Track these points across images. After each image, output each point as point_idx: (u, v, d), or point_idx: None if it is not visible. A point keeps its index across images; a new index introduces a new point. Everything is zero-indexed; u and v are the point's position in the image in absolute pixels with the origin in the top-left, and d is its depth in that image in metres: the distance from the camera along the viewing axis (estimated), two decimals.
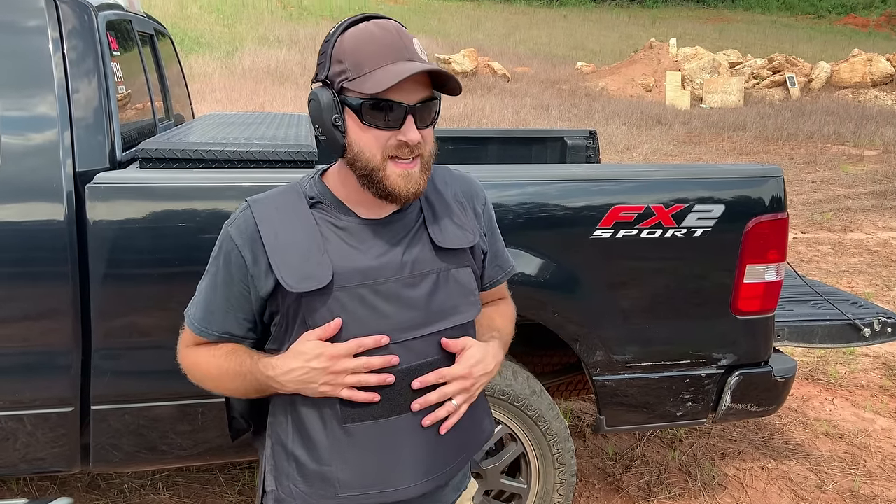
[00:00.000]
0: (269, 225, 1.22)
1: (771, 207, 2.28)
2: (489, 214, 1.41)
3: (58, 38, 2.00)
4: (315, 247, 1.20)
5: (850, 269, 6.20)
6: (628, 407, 2.40)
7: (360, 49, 1.15)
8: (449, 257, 1.27)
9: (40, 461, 2.08)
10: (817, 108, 16.69)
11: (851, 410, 3.74)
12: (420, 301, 1.23)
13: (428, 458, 1.27)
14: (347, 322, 1.19)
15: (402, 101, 1.14)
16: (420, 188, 1.20)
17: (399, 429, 1.23)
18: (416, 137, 1.15)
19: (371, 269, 1.21)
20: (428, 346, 1.24)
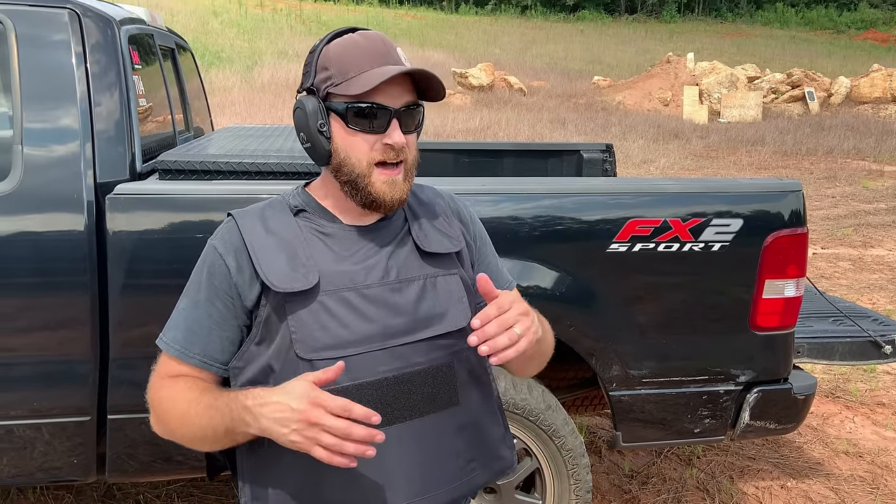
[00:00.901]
0: (254, 233, 1.21)
1: (790, 222, 2.26)
2: (478, 227, 1.41)
3: (81, 52, 2.03)
4: (300, 252, 1.19)
5: (871, 285, 6.13)
6: (645, 423, 2.37)
7: (346, 56, 1.17)
8: (435, 263, 1.26)
9: (57, 470, 2.09)
10: (837, 123, 16.57)
11: (872, 429, 3.68)
12: (407, 306, 1.21)
13: (430, 471, 1.21)
14: (332, 326, 1.16)
15: (387, 104, 1.16)
16: (404, 195, 1.21)
17: (391, 439, 1.13)
18: (401, 140, 1.17)
19: (357, 273, 1.20)
20: (416, 353, 1.21)
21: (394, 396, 1.18)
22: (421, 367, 1.21)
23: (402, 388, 1.19)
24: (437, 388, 1.22)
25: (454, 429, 1.25)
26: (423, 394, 1.21)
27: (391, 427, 1.16)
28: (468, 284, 1.30)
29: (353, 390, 1.14)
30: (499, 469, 1.34)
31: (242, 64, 22.42)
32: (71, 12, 2.05)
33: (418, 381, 1.21)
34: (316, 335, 1.16)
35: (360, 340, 1.17)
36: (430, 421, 1.22)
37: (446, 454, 1.24)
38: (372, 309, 1.19)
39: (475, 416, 1.29)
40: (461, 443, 1.26)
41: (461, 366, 1.26)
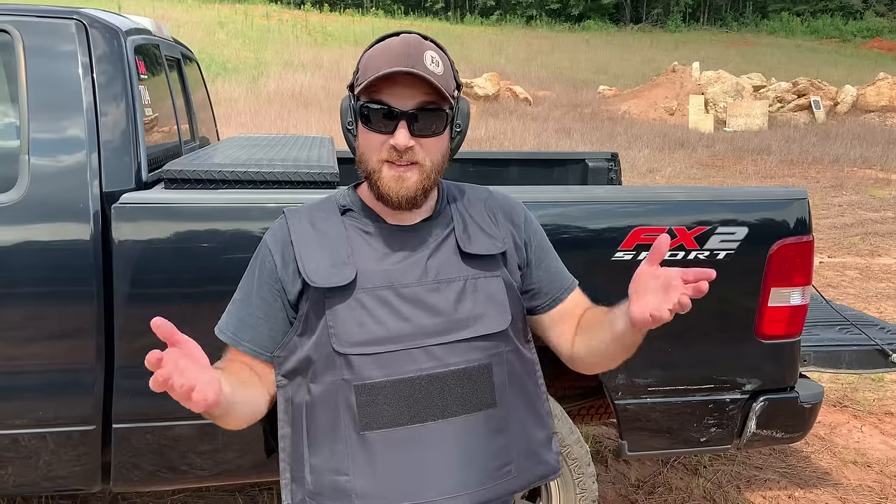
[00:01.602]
0: (300, 230, 1.27)
1: (796, 230, 2.26)
2: (533, 229, 1.40)
3: (87, 62, 2.05)
4: (341, 249, 1.24)
5: (878, 294, 6.10)
6: (651, 432, 2.36)
7: (372, 57, 1.21)
8: (476, 264, 1.27)
9: (62, 479, 2.09)
10: (843, 132, 16.53)
11: (881, 438, 3.66)
12: (444, 307, 1.23)
13: (459, 471, 1.20)
14: (367, 322, 1.20)
15: (393, 105, 1.18)
16: (414, 194, 1.21)
17: (422, 437, 1.19)
18: (402, 142, 1.17)
19: (394, 272, 1.22)
20: (452, 354, 1.22)
21: (427, 395, 1.19)
22: (457, 367, 1.22)
23: (436, 387, 1.20)
24: (473, 389, 1.23)
25: (490, 430, 1.25)
26: (458, 394, 1.22)
27: (424, 424, 1.19)
28: (511, 286, 1.30)
29: (385, 386, 1.18)
30: (541, 473, 1.34)
31: (248, 74, 22.52)
32: (78, 23, 2.07)
33: (453, 382, 1.21)
34: (352, 331, 1.20)
35: (395, 338, 1.20)
36: (465, 421, 1.22)
37: (481, 455, 1.23)
38: (408, 308, 1.21)
39: (515, 418, 1.28)
40: (497, 445, 1.25)
41: (501, 368, 1.26)
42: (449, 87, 1.22)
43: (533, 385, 1.34)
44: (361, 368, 1.19)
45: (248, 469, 2.17)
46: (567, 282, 1.42)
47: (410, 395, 1.19)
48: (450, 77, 1.24)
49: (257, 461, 2.16)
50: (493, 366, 1.26)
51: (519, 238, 1.35)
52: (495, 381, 1.26)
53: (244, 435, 2.12)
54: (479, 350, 1.24)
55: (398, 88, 1.17)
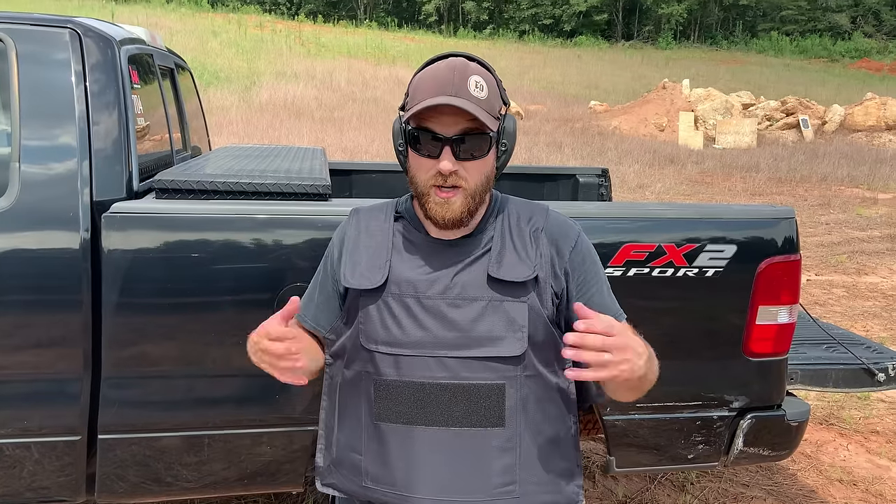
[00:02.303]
0: (356, 230, 1.39)
1: (784, 249, 2.28)
2: (580, 260, 1.38)
3: (81, 70, 2.05)
4: (382, 253, 1.33)
5: (865, 312, 6.14)
6: (639, 448, 2.36)
7: (420, 83, 1.27)
8: (502, 288, 1.29)
9: (45, 490, 2.07)
10: (831, 151, 16.69)
11: (866, 457, 3.67)
12: (462, 323, 1.28)
13: (453, 478, 1.27)
14: (390, 325, 1.29)
15: (438, 131, 1.24)
16: (460, 216, 1.28)
17: (423, 439, 1.27)
18: (446, 167, 1.24)
19: (422, 282, 1.30)
20: (465, 368, 1.27)
21: (434, 401, 1.27)
22: (468, 382, 1.27)
23: (444, 396, 1.27)
24: (481, 406, 1.27)
25: (494, 448, 1.28)
26: (465, 407, 1.27)
27: (428, 428, 1.27)
28: (539, 313, 1.31)
29: (399, 385, 1.28)
30: (552, 502, 1.33)
31: (241, 84, 22.54)
32: (72, 32, 2.07)
33: (462, 395, 1.27)
34: (377, 330, 1.30)
35: (412, 344, 1.28)
36: (470, 434, 1.27)
37: (479, 469, 1.27)
38: (427, 318, 1.29)
39: (528, 442, 1.30)
40: (501, 464, 1.28)
41: (515, 391, 1.29)
42: (493, 110, 1.28)
43: (558, 413, 1.35)
44: (381, 365, 1.29)
45: (234, 481, 2.16)
46: (613, 315, 1.38)
47: (420, 398, 1.27)
48: (495, 99, 1.29)
49: (243, 473, 2.15)
50: (507, 388, 1.29)
51: (559, 267, 1.35)
52: (507, 402, 1.29)
53: (230, 447, 2.11)
54: (492, 370, 1.28)
55: (443, 116, 1.24)
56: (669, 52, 46.29)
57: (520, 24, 52.89)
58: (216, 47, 28.00)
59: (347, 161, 7.19)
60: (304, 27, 39.96)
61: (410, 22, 53.08)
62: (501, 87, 1.33)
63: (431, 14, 54.03)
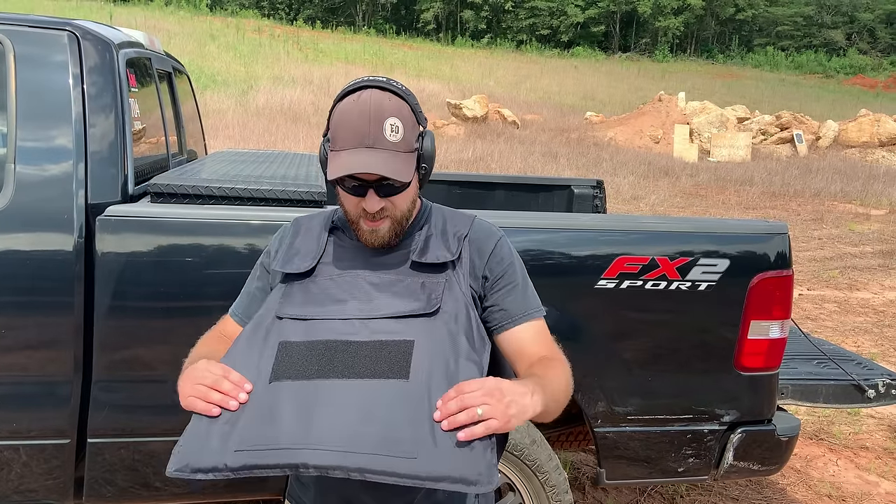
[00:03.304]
0: (295, 233, 1.48)
1: (776, 264, 2.29)
2: (498, 261, 1.43)
3: (78, 73, 2.05)
4: (315, 250, 1.42)
5: (856, 328, 6.17)
6: (629, 460, 2.37)
7: (339, 125, 1.33)
8: (421, 268, 1.37)
9: (33, 493, 2.06)
10: (824, 166, 16.79)
11: (856, 472, 3.68)
12: (377, 294, 1.34)
13: (338, 429, 1.16)
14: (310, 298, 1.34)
15: (361, 178, 1.32)
16: (388, 240, 1.38)
17: (320, 391, 1.19)
18: (373, 208, 1.32)
19: (347, 264, 1.39)
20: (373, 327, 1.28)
21: (340, 356, 1.24)
22: (375, 338, 1.27)
23: (350, 351, 1.25)
24: (386, 358, 1.24)
25: (394, 399, 1.19)
26: (369, 360, 1.24)
27: (327, 380, 1.22)
28: (453, 288, 1.36)
29: (306, 345, 1.27)
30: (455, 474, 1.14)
31: (238, 88, 22.54)
32: (70, 34, 2.07)
33: (368, 349, 1.25)
34: (294, 301, 1.34)
35: (326, 312, 1.32)
36: (369, 384, 1.20)
37: (373, 420, 1.17)
38: (345, 292, 1.34)
39: (431, 398, 1.19)
40: (399, 417, 1.17)
41: (425, 349, 1.25)
42: (410, 146, 1.34)
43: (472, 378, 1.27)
44: (290, 330, 1.30)
45: (222, 488, 2.15)
46: (517, 312, 1.42)
47: (324, 354, 1.25)
48: (411, 132, 1.35)
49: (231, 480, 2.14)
50: (417, 343, 1.25)
51: (479, 269, 1.42)
52: (415, 357, 1.23)
53: None
54: (405, 327, 1.28)
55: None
56: (666, 64, 46.53)
57: (517, 34, 53.09)
58: (214, 51, 28.01)
59: None
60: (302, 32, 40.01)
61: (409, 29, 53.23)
62: (417, 109, 1.38)
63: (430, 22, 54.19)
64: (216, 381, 1.21)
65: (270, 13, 50.49)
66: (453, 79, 30.54)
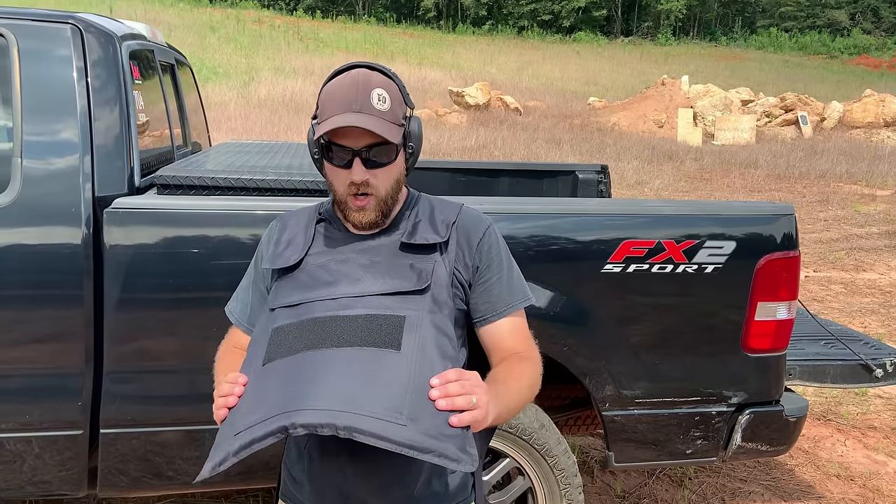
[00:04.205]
0: (281, 230, 1.47)
1: (783, 245, 2.29)
2: (486, 249, 1.44)
3: (82, 66, 2.05)
4: (303, 244, 1.42)
5: (863, 309, 6.16)
6: (637, 443, 2.38)
7: (327, 98, 1.35)
8: (411, 249, 1.39)
9: (47, 484, 2.08)
10: (829, 148, 16.71)
11: (864, 452, 3.69)
12: (369, 275, 1.35)
13: (330, 390, 1.17)
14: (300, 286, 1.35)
15: (347, 145, 1.33)
16: (374, 219, 1.38)
17: (310, 360, 1.22)
18: (358, 178, 1.33)
19: (337, 258, 1.39)
20: (363, 304, 1.30)
21: (329, 330, 1.27)
22: (366, 312, 1.29)
23: (339, 325, 1.27)
24: (378, 329, 1.27)
25: (386, 367, 1.21)
26: (360, 330, 1.26)
27: (317, 350, 1.23)
28: (441, 270, 1.38)
29: (296, 326, 1.29)
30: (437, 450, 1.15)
31: (239, 79, 22.50)
32: (73, 27, 2.07)
33: (358, 322, 1.27)
34: (285, 291, 1.36)
35: (316, 294, 1.33)
36: (361, 352, 1.23)
37: (365, 383, 1.19)
38: (335, 276, 1.35)
39: (420, 373, 1.22)
40: (389, 383, 1.19)
41: (416, 328, 1.27)
42: (397, 119, 1.35)
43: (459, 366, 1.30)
44: (280, 318, 1.32)
45: (235, 476, 2.17)
46: (501, 305, 1.43)
47: (313, 329, 1.27)
48: (398, 106, 1.37)
49: (243, 468, 2.15)
50: (407, 320, 1.28)
51: (469, 257, 1.42)
52: (406, 333, 1.25)
53: None
54: (393, 302, 1.31)
55: (350, 131, 1.32)
56: (668, 48, 46.25)
57: (518, 19, 52.80)
58: (214, 43, 27.95)
59: None
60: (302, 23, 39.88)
61: (409, 17, 52.99)
62: (405, 92, 1.41)
63: (430, 9, 53.92)
64: (218, 387, 1.28)
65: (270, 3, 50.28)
66: (455, 66, 30.43)
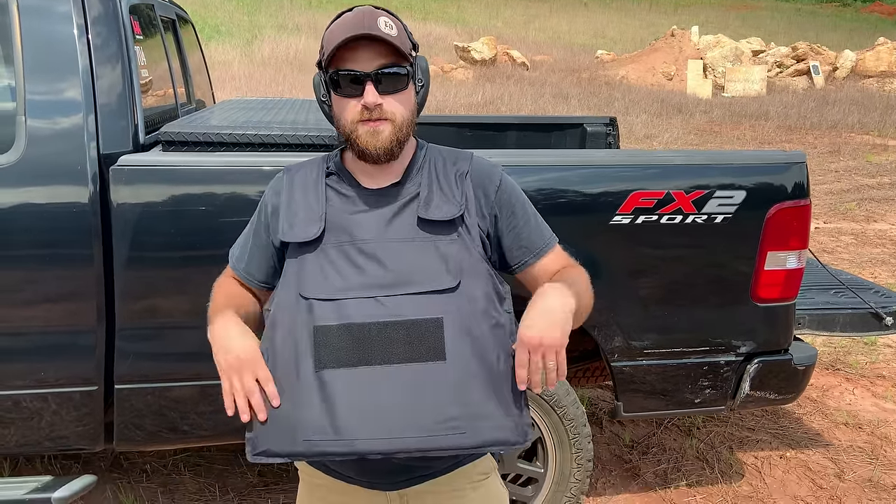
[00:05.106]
0: (290, 186, 1.42)
1: (793, 194, 2.26)
2: (507, 198, 1.43)
3: (83, 23, 2.03)
4: (317, 207, 1.38)
5: (873, 259, 6.13)
6: (646, 393, 2.39)
7: (332, 32, 1.32)
8: (432, 228, 1.35)
9: (64, 439, 2.12)
10: (841, 98, 16.45)
11: (872, 401, 3.71)
12: (395, 264, 1.32)
13: (399, 415, 1.25)
14: (329, 273, 1.32)
15: (357, 69, 1.30)
16: (390, 145, 1.33)
17: (368, 380, 1.26)
18: (371, 100, 1.29)
19: (357, 229, 1.35)
20: (400, 305, 1.30)
21: (374, 340, 1.28)
22: (405, 318, 1.29)
23: (383, 334, 1.28)
24: (421, 340, 1.28)
25: (436, 383, 1.27)
26: (405, 342, 1.27)
27: (372, 367, 1.27)
28: (469, 249, 1.36)
29: (338, 329, 1.29)
30: (499, 439, 1.30)
31: (242, 38, 22.25)
32: None
33: (400, 330, 1.28)
34: (317, 279, 1.33)
35: (351, 287, 1.31)
36: (411, 370, 1.27)
37: (423, 405, 1.26)
38: (365, 261, 1.33)
39: (467, 376, 1.28)
40: (445, 398, 1.26)
41: (455, 325, 1.29)
42: (405, 47, 1.33)
43: (501, 348, 1.33)
44: (319, 312, 1.30)
45: None
46: (538, 245, 1.46)
47: (360, 338, 1.27)
48: (405, 38, 1.35)
49: None
50: (445, 321, 1.29)
51: (486, 207, 1.41)
52: (447, 335, 1.29)
53: None
54: (428, 304, 1.30)
55: (360, 53, 1.29)
56: None
57: None
58: (216, 0, 27.56)
59: None
60: None
61: None
62: (409, 32, 1.39)
63: None
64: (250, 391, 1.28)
65: None
66: (460, 21, 29.94)
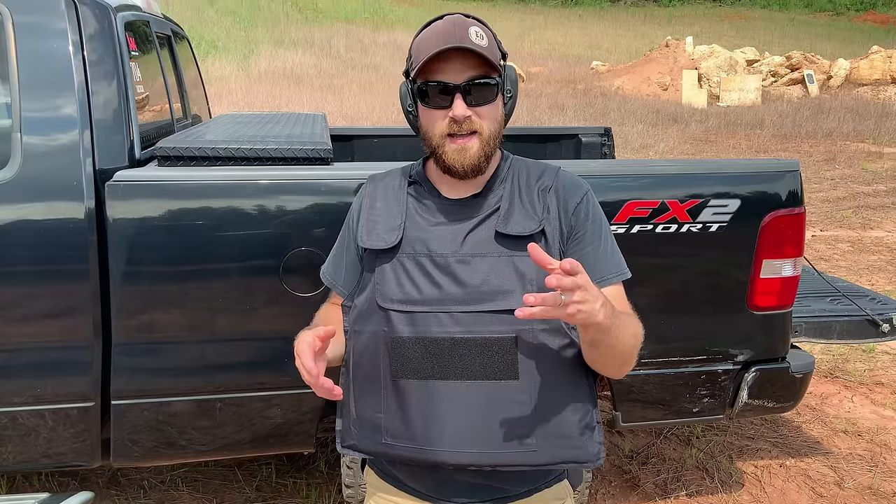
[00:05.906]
0: (373, 195, 1.44)
1: (788, 202, 2.27)
2: (584, 216, 1.38)
3: (78, 40, 2.03)
4: (398, 216, 1.38)
5: (870, 266, 6.14)
6: (644, 403, 2.39)
7: (421, 41, 1.32)
8: (511, 243, 1.33)
9: (61, 456, 2.11)
10: (836, 106, 16.53)
11: (871, 408, 3.71)
12: (472, 280, 1.31)
13: (472, 430, 1.29)
14: (405, 283, 1.33)
15: (447, 80, 1.28)
16: (478, 162, 1.32)
17: (441, 393, 1.30)
18: (460, 112, 1.27)
19: (434, 241, 1.34)
20: (477, 322, 1.30)
21: (449, 355, 1.30)
22: (480, 335, 1.30)
23: (458, 350, 1.30)
24: (494, 359, 1.30)
25: (509, 401, 1.30)
26: (479, 360, 1.30)
27: (446, 381, 1.30)
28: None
29: (414, 342, 1.31)
30: (572, 457, 1.33)
31: (239, 53, 22.35)
32: (67, 0, 2.05)
33: (475, 348, 1.30)
34: (392, 288, 1.34)
35: (427, 301, 1.32)
36: (484, 386, 1.30)
37: (496, 421, 1.30)
38: (440, 276, 1.32)
39: (543, 395, 1.31)
40: (517, 416, 1.30)
41: (529, 344, 1.30)
42: (495, 57, 1.31)
43: (574, 367, 1.34)
44: (396, 323, 1.32)
45: (247, 444, 2.19)
46: (599, 273, 1.35)
47: (435, 353, 1.30)
48: (495, 48, 1.33)
49: (255, 436, 2.18)
50: (520, 340, 1.30)
51: (565, 224, 1.37)
52: (521, 354, 1.30)
53: (241, 411, 2.14)
54: (504, 323, 1.30)
55: (450, 64, 1.27)
56: (672, 9, 45.59)
57: None
58: (213, 16, 27.68)
59: (349, 126, 7.16)
60: None
61: None
62: (499, 40, 1.37)
63: None
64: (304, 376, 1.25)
65: None
66: None
